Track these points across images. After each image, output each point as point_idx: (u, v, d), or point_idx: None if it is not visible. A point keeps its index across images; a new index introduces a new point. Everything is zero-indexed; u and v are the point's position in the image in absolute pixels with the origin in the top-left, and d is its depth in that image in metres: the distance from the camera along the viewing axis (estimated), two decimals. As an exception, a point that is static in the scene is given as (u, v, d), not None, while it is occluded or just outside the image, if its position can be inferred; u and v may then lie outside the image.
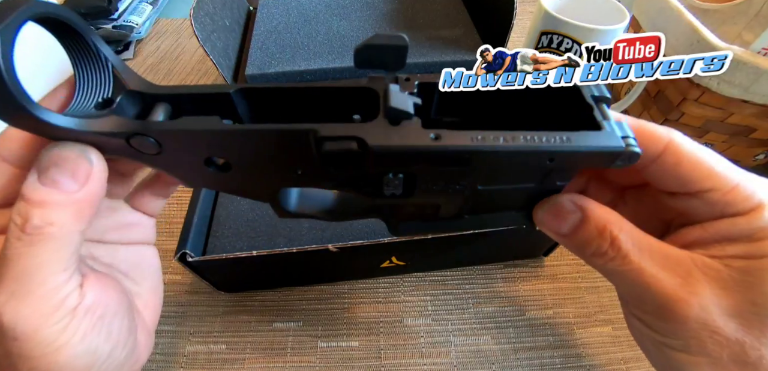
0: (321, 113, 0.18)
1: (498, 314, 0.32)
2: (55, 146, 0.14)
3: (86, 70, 0.15)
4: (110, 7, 0.53)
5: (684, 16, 0.35)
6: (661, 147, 0.16)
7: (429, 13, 0.46)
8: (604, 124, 0.15)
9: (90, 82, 0.15)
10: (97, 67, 0.15)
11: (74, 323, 0.15)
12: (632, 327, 0.19)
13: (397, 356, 0.30)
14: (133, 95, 0.16)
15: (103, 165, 0.15)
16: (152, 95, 0.16)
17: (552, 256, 0.34)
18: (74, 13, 0.14)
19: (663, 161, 0.16)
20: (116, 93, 0.16)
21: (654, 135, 0.16)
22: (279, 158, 0.16)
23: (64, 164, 0.14)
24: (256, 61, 0.40)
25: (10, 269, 0.14)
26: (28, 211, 0.13)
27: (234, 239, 0.29)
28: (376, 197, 0.18)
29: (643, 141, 0.16)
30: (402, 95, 0.15)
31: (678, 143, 0.16)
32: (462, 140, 0.14)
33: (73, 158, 0.14)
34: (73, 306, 0.15)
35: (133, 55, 0.55)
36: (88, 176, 0.14)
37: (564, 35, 0.38)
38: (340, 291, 0.33)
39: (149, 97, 0.16)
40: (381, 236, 0.27)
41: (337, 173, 0.17)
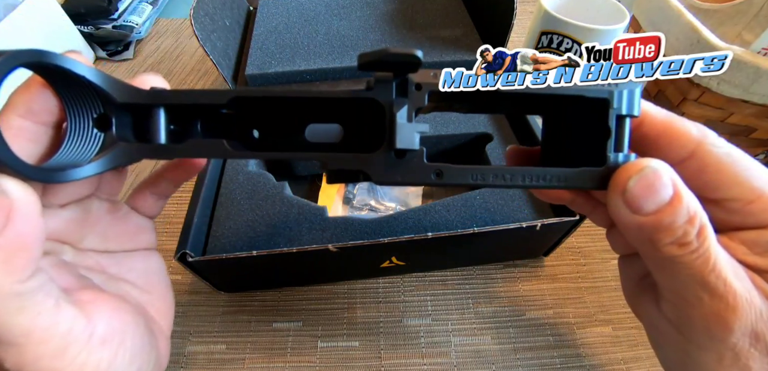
0: (326, 117, 0.18)
1: (498, 314, 0.32)
2: None
3: (74, 99, 0.15)
4: (110, 7, 0.53)
5: (684, 16, 0.35)
6: (689, 151, 0.15)
7: (429, 13, 0.46)
8: (610, 159, 0.15)
9: (82, 108, 0.15)
10: (83, 91, 0.15)
11: (95, 356, 0.15)
12: (655, 324, 0.18)
13: (397, 356, 0.30)
14: (125, 108, 0.16)
15: (31, 197, 0.12)
16: (140, 107, 0.16)
17: (552, 256, 0.34)
18: (49, 53, 0.13)
19: (687, 165, 0.15)
20: (108, 109, 0.16)
21: (684, 137, 0.15)
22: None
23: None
24: (256, 61, 0.40)
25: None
26: None
27: (234, 239, 0.29)
28: None
29: (670, 141, 0.15)
30: (408, 129, 0.15)
31: (708, 147, 0.15)
32: (462, 179, 0.16)
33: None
34: (84, 339, 0.14)
35: (133, 55, 0.55)
36: (7, 215, 0.11)
37: (564, 35, 0.38)
38: (340, 291, 0.33)
39: (141, 107, 0.16)
40: (381, 236, 0.27)
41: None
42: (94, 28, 0.53)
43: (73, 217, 0.17)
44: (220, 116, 0.17)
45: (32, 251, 0.13)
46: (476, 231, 0.27)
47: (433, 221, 0.30)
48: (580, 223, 0.28)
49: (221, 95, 0.16)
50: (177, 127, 0.17)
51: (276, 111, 0.18)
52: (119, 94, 0.15)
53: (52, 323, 0.13)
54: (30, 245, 0.12)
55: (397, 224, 0.29)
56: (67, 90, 0.14)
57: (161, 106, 0.16)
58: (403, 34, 0.43)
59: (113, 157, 0.15)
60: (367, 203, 0.36)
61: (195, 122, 0.18)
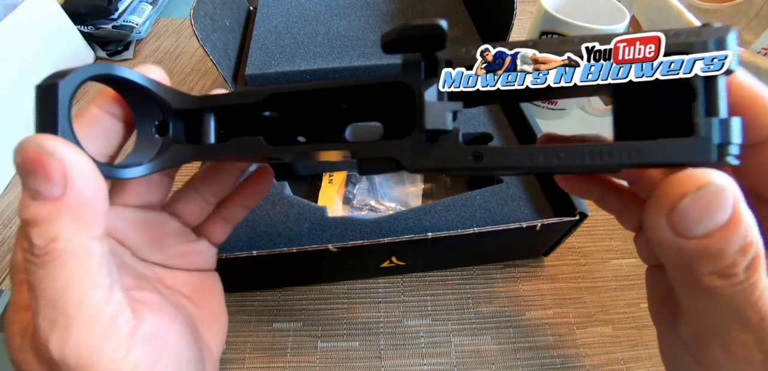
0: (354, 109, 0.17)
1: (498, 314, 0.32)
2: (18, 150, 0.12)
3: (138, 107, 0.17)
4: (110, 7, 0.53)
5: (684, 16, 0.35)
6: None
7: (429, 13, 0.46)
8: (702, 125, 0.12)
9: (145, 116, 0.17)
10: (145, 100, 0.17)
11: (135, 352, 0.14)
12: (669, 343, 0.17)
13: (397, 356, 0.30)
14: (179, 114, 0.17)
15: (85, 159, 0.13)
16: (192, 111, 0.17)
17: (552, 256, 0.34)
18: (116, 68, 0.15)
19: (759, 153, 0.13)
20: (166, 115, 0.17)
21: (764, 114, 0.12)
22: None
23: (34, 171, 0.12)
24: (256, 61, 0.40)
25: (40, 299, 0.12)
26: (29, 233, 0.12)
27: (234, 239, 0.29)
28: None
29: (751, 119, 0.12)
30: (439, 108, 0.14)
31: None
32: (505, 162, 0.13)
33: (37, 159, 0.12)
34: (127, 331, 0.14)
35: (133, 55, 0.55)
36: (63, 175, 0.12)
37: (564, 35, 0.38)
38: (340, 291, 0.33)
39: (193, 112, 0.17)
40: (381, 236, 0.27)
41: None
42: (94, 28, 0.53)
43: (136, 220, 0.18)
44: (262, 120, 0.18)
45: (98, 207, 0.13)
46: (476, 231, 0.27)
47: (433, 221, 0.30)
48: (580, 223, 0.28)
49: (258, 93, 0.17)
50: (224, 131, 0.18)
51: (312, 110, 0.18)
52: (174, 100, 0.17)
53: (104, 301, 0.13)
54: (95, 202, 0.13)
55: (397, 224, 0.29)
56: (132, 100, 0.16)
57: (210, 110, 0.17)
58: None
59: (168, 158, 0.17)
60: (367, 203, 0.36)
61: (240, 126, 0.18)
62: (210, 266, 0.22)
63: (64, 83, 0.13)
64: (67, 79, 0.13)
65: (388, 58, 0.40)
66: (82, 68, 0.14)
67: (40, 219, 0.12)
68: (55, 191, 0.12)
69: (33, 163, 0.12)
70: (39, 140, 0.12)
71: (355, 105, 0.17)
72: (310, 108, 0.18)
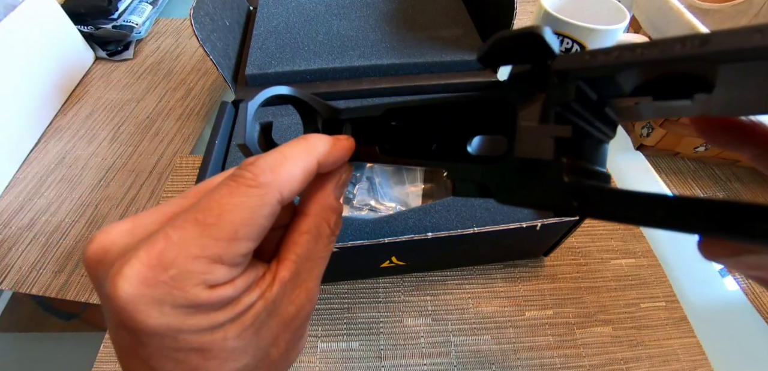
0: (457, 126, 0.16)
1: (498, 314, 0.32)
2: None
3: (304, 115, 0.21)
4: (110, 7, 0.53)
5: (684, 16, 0.35)
6: None
7: (429, 13, 0.46)
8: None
9: (309, 124, 0.21)
10: (308, 110, 0.20)
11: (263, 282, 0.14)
12: None
13: (397, 356, 0.30)
14: (327, 122, 0.20)
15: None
16: (337, 120, 0.20)
17: (552, 256, 0.34)
18: (290, 88, 0.19)
19: None
20: (321, 124, 0.21)
21: None
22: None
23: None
24: (256, 61, 0.40)
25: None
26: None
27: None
28: None
29: None
30: (536, 135, 0.11)
31: None
32: (612, 211, 0.10)
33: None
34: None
35: (133, 55, 0.55)
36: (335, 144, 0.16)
37: (564, 35, 0.38)
38: (340, 291, 0.33)
39: (333, 121, 0.20)
40: (381, 237, 0.27)
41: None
42: (94, 28, 0.53)
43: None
44: (379, 129, 0.19)
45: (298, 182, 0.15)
46: (476, 231, 0.27)
47: (433, 221, 0.30)
48: (580, 223, 0.28)
49: (376, 109, 0.18)
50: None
51: (416, 124, 0.18)
52: (322, 110, 0.20)
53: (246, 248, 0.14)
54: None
55: (397, 224, 0.29)
56: (300, 109, 0.21)
57: (349, 120, 0.20)
58: (404, 34, 0.43)
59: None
60: (367, 203, 0.36)
61: (363, 134, 0.20)
62: None
63: (251, 104, 0.17)
64: (253, 100, 0.17)
65: (388, 59, 0.40)
66: (259, 93, 0.18)
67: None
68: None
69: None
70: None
71: (451, 121, 0.16)
72: (417, 122, 0.18)
